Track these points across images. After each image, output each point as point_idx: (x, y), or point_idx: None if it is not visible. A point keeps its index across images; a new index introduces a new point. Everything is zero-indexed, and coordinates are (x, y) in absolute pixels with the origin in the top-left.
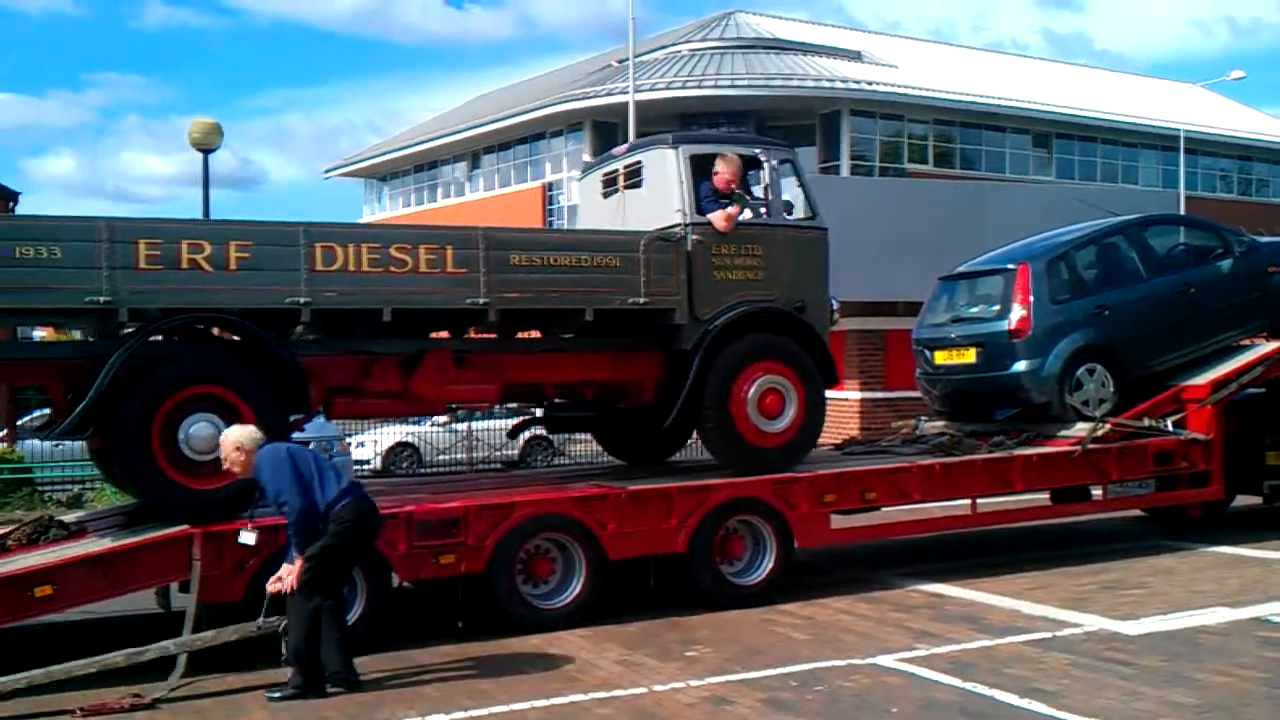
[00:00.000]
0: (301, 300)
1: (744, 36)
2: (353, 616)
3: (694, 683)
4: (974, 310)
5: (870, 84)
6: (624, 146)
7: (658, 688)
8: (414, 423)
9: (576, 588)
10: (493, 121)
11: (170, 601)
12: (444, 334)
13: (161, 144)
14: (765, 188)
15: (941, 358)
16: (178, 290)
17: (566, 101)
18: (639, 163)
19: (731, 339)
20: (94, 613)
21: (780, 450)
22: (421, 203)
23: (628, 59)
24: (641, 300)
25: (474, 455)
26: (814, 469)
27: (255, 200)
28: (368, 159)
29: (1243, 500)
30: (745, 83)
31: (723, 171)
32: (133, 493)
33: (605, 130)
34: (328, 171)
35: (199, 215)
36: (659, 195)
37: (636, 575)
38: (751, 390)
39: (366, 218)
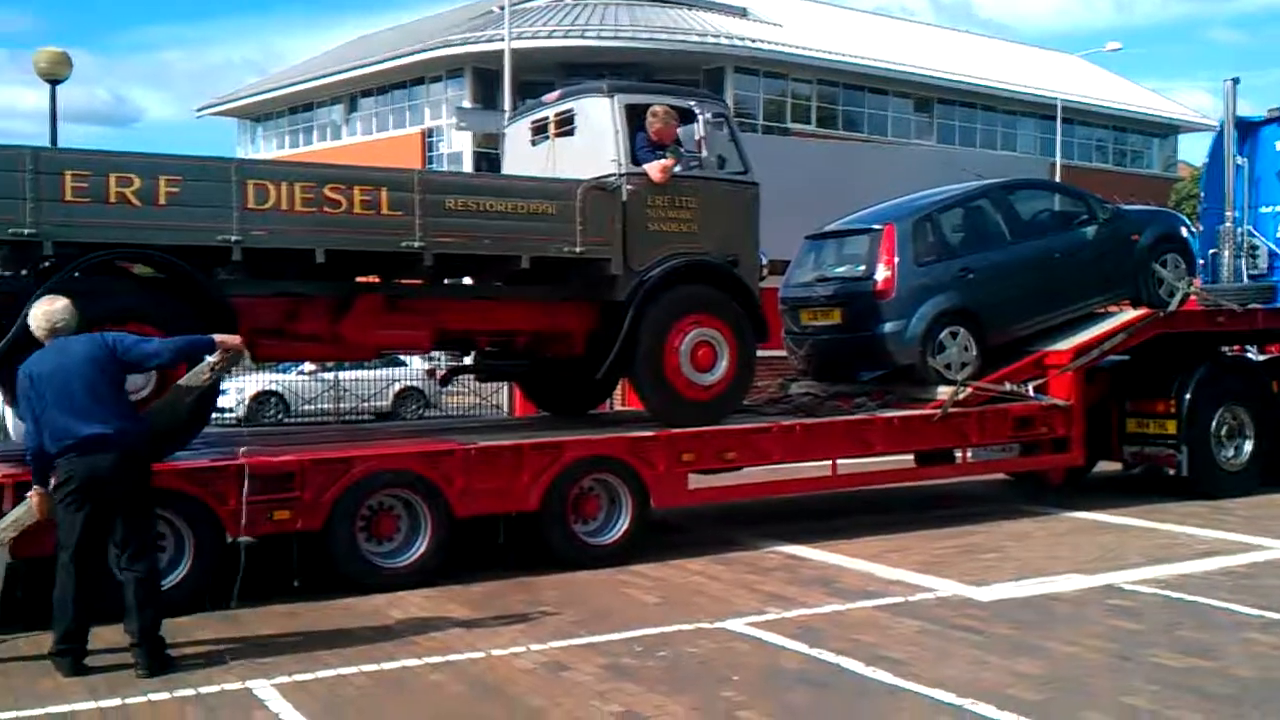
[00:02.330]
0: (232, 238)
1: None
2: (179, 575)
3: (535, 646)
4: (840, 270)
5: (755, 41)
6: (555, 93)
7: (496, 652)
8: (280, 370)
9: (421, 546)
10: (371, 64)
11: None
12: (374, 278)
13: (29, 77)
14: (699, 141)
15: (807, 317)
16: (105, 224)
17: (447, 46)
18: (571, 110)
19: (665, 291)
20: None
21: (711, 403)
22: (297, 145)
23: (507, 5)
24: (577, 249)
25: (341, 406)
26: (653, 428)
27: (129, 137)
28: (242, 98)
29: (1104, 467)
30: (629, 34)
31: (656, 122)
32: None
33: (486, 77)
34: (200, 110)
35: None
36: (592, 144)
37: (487, 534)
38: (684, 343)
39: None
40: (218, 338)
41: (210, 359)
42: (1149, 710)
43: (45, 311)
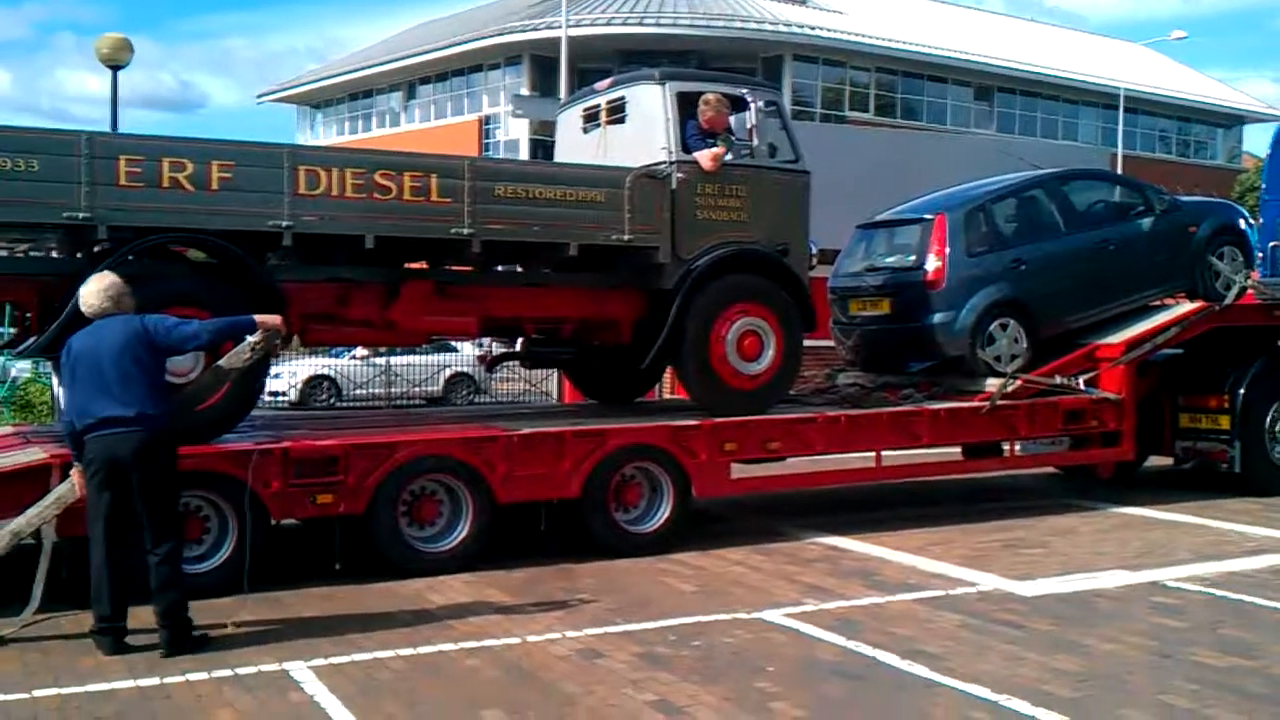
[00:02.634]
0: (283, 224)
1: None
2: (222, 556)
3: (570, 634)
4: (890, 260)
5: (814, 29)
6: (607, 81)
7: (532, 638)
8: (332, 355)
9: (463, 531)
10: (430, 51)
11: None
12: (422, 264)
13: (96, 63)
14: (751, 129)
15: (855, 307)
16: (158, 209)
17: (505, 34)
18: (623, 98)
19: (713, 280)
20: None
21: (757, 392)
22: (355, 132)
23: None
24: (625, 237)
25: (392, 391)
26: (707, 417)
27: (194, 123)
28: (302, 85)
29: (1155, 462)
30: (687, 22)
31: (709, 110)
32: None
33: (544, 64)
34: (260, 97)
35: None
36: (644, 131)
37: (529, 520)
38: (731, 332)
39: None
40: (258, 318)
41: (251, 339)
42: (1187, 709)
43: (94, 289)
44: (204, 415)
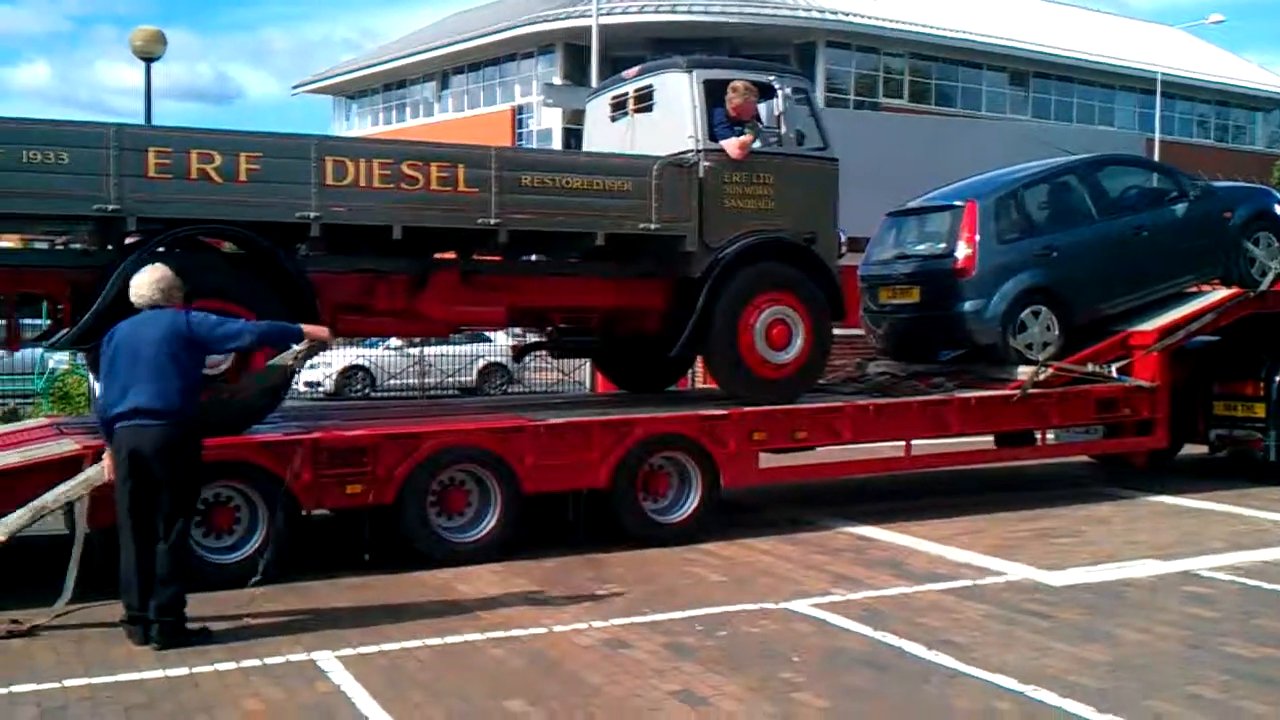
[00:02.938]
0: (311, 215)
1: None
2: (252, 546)
3: (597, 624)
4: (920, 248)
5: (847, 15)
6: (634, 69)
7: (558, 628)
8: (367, 345)
9: (491, 521)
10: (463, 41)
11: (75, 522)
12: (450, 254)
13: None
14: (778, 117)
15: (886, 295)
16: (187, 200)
17: (538, 22)
18: (650, 86)
19: (741, 268)
20: None
21: (785, 381)
22: (390, 122)
23: None
24: (653, 226)
25: (426, 381)
26: (732, 406)
27: (230, 115)
28: (337, 75)
29: (1190, 450)
30: (719, 9)
31: (736, 98)
32: None
33: (577, 53)
34: (295, 88)
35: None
36: (671, 120)
37: (557, 510)
38: (759, 320)
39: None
40: (306, 328)
41: (296, 347)
42: (1216, 700)
43: (145, 281)
44: (234, 405)
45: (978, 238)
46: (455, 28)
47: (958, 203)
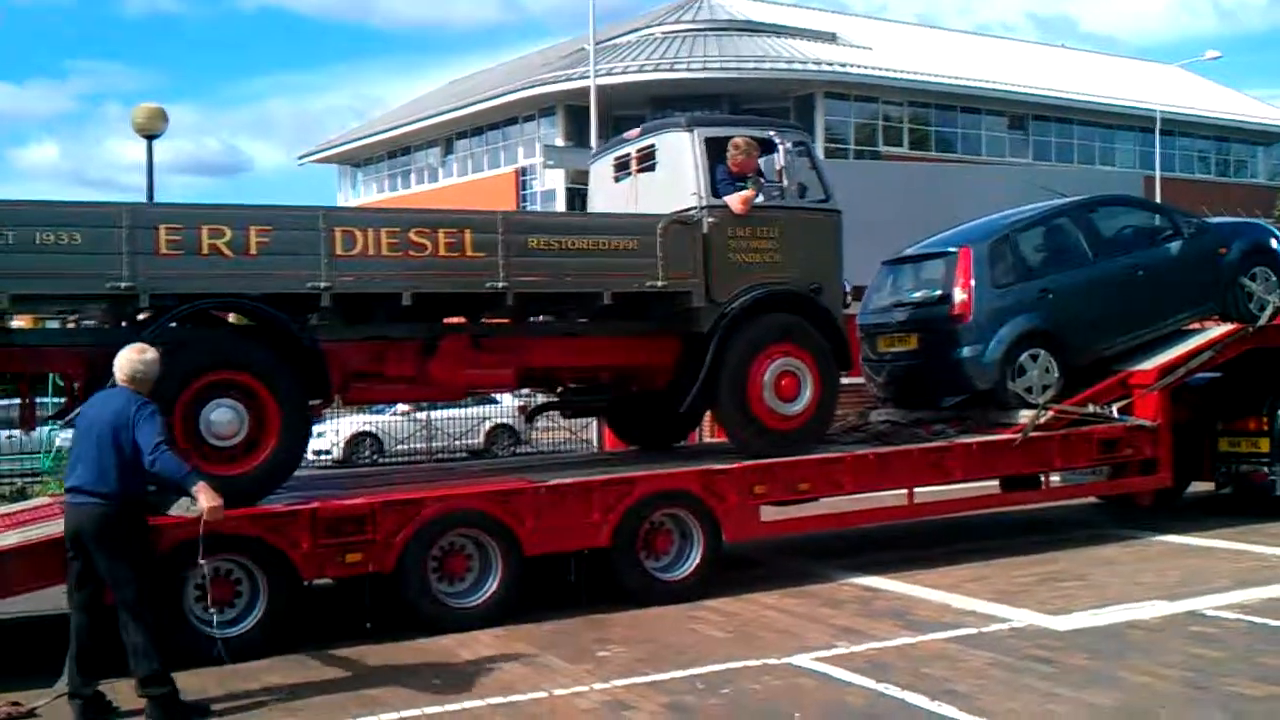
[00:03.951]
0: (322, 285)
1: (717, 19)
2: (253, 620)
3: (598, 686)
4: (917, 295)
5: (844, 66)
6: (636, 130)
7: (559, 691)
8: (375, 412)
9: (493, 585)
10: (465, 106)
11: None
12: (459, 319)
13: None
14: (780, 170)
15: (884, 344)
16: (198, 275)
17: (538, 85)
18: (652, 146)
19: (748, 322)
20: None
21: (796, 432)
22: (395, 189)
23: (598, 42)
24: (659, 283)
25: (434, 445)
26: (738, 460)
27: (239, 187)
28: (342, 145)
29: (1198, 487)
30: (718, 65)
31: (737, 154)
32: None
33: (578, 114)
34: (302, 158)
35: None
36: (674, 178)
37: (559, 570)
38: (768, 373)
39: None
40: (200, 496)
41: (192, 507)
42: None
43: (121, 359)
44: (248, 477)
45: (973, 283)
46: (457, 93)
47: (952, 249)
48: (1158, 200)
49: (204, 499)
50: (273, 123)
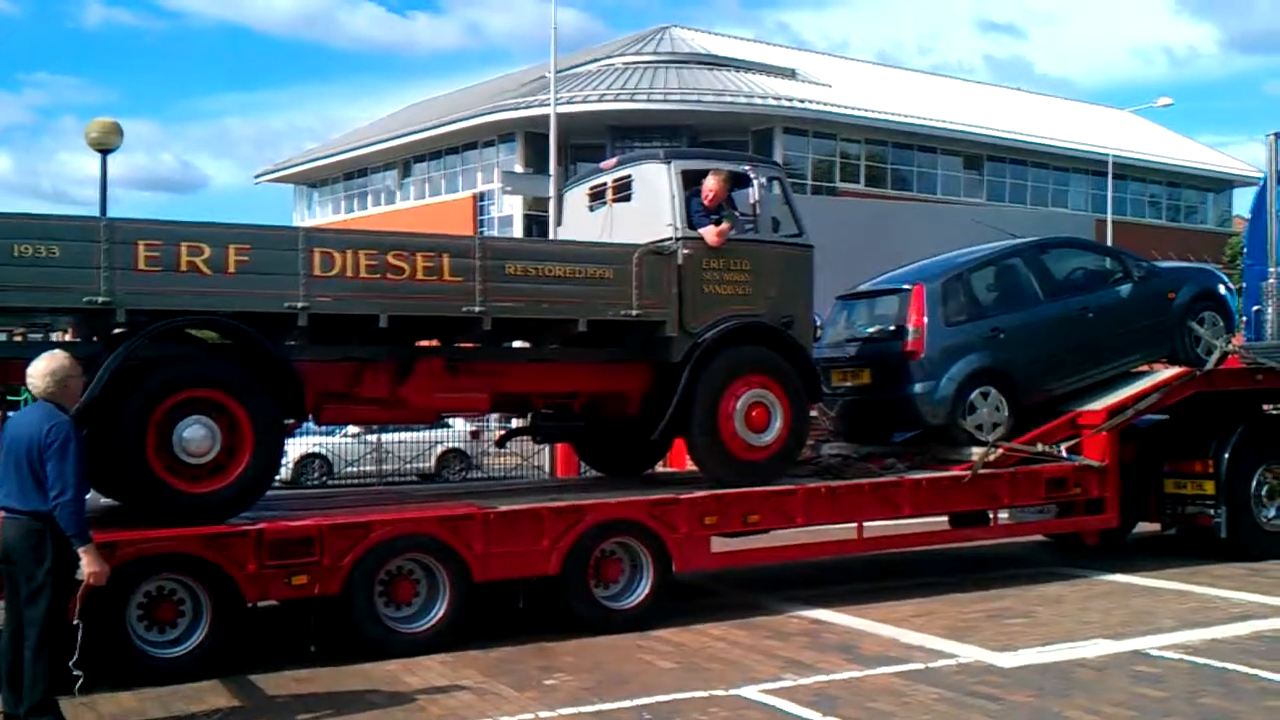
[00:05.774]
0: (299, 305)
1: (678, 51)
2: (196, 639)
3: (544, 714)
4: (870, 330)
5: (803, 102)
6: (612, 160)
7: (504, 719)
8: (324, 433)
9: (440, 610)
10: (424, 129)
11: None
12: (433, 342)
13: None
14: (754, 204)
15: (838, 378)
16: (176, 292)
17: (498, 111)
18: (629, 176)
19: (720, 352)
20: None
21: (766, 463)
22: (351, 210)
23: (559, 70)
24: (634, 312)
25: (384, 468)
26: (696, 490)
27: (193, 204)
28: (298, 165)
29: (1145, 527)
30: (678, 97)
31: (712, 187)
32: (120, 495)
33: (537, 141)
34: (258, 177)
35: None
36: (649, 209)
37: (508, 597)
38: (739, 404)
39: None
40: (85, 561)
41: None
42: None
43: (36, 370)
44: (220, 495)
45: (926, 320)
46: (416, 117)
47: (906, 286)
48: (1109, 243)
49: (87, 564)
50: (230, 140)
